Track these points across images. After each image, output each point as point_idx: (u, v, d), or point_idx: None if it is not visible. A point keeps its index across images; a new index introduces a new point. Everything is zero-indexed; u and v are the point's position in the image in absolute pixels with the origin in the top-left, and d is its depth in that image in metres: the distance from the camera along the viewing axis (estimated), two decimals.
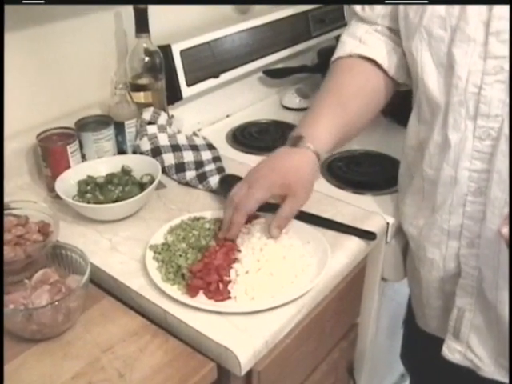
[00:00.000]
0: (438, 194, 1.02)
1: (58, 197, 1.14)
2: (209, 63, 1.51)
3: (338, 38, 1.93)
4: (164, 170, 1.27)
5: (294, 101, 1.70)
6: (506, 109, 0.89)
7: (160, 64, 1.34)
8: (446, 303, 1.12)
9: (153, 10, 1.29)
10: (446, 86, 0.96)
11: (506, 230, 0.79)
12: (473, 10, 0.89)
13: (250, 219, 1.06)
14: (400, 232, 1.20)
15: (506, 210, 0.92)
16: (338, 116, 1.08)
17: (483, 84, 0.90)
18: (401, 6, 1.02)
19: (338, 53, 1.17)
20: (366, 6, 1.12)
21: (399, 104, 1.16)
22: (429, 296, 1.14)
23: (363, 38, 1.14)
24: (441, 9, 0.93)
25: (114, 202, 1.13)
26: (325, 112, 1.09)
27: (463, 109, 0.93)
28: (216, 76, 1.53)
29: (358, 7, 1.14)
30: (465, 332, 1.08)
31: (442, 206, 1.01)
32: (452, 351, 1.11)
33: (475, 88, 0.91)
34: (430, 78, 0.98)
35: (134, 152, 1.32)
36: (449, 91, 0.95)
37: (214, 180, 1.24)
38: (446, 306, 1.12)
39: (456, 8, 0.91)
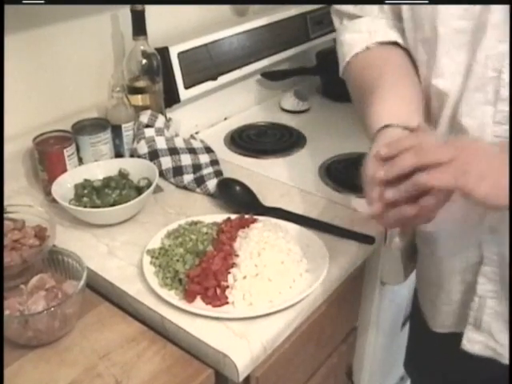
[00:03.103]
0: None
1: (54, 201, 1.13)
2: (206, 65, 1.50)
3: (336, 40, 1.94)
4: (161, 174, 1.26)
5: (293, 103, 1.69)
6: None
7: (157, 66, 1.33)
8: (466, 295, 1.09)
9: (150, 13, 1.28)
10: (459, 73, 0.92)
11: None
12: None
13: (248, 223, 1.06)
14: (398, 235, 1.20)
15: None
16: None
17: (503, 68, 0.87)
18: None
19: (353, 51, 1.07)
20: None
21: None
22: (450, 290, 1.11)
23: (371, 28, 1.06)
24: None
25: (111, 205, 1.12)
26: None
27: (480, 94, 0.90)
28: (214, 78, 1.53)
29: (349, 6, 1.10)
30: (487, 321, 1.05)
31: None
32: (472, 343, 1.09)
33: (494, 72, 0.88)
34: (445, 67, 0.94)
35: (132, 155, 1.32)
36: (463, 78, 0.92)
37: (211, 183, 1.23)
38: (466, 297, 1.09)
39: None
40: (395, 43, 1.04)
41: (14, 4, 1.09)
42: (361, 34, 1.08)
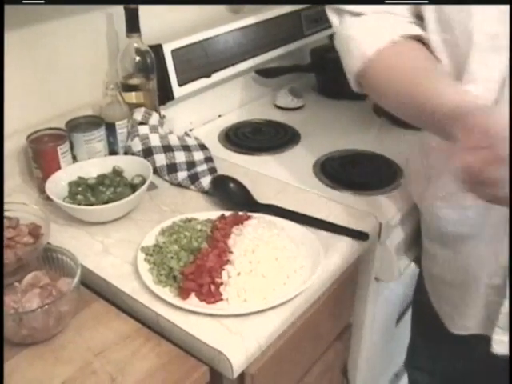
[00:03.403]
0: None
1: (49, 198, 1.13)
2: (200, 63, 1.50)
3: (331, 37, 1.94)
4: (156, 171, 1.26)
5: (287, 100, 1.69)
6: None
7: (151, 64, 1.33)
8: (493, 298, 1.08)
9: (144, 10, 1.28)
10: (493, 79, 0.90)
11: None
12: None
13: (242, 220, 1.06)
14: (393, 232, 1.20)
15: None
16: None
17: None
18: None
19: (374, 46, 0.98)
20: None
21: None
22: (476, 294, 1.09)
23: (387, 24, 0.99)
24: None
25: (106, 203, 1.12)
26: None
27: None
28: (208, 76, 1.52)
29: (352, 5, 1.02)
30: None
31: None
32: (502, 345, 1.08)
33: None
34: (477, 73, 0.91)
35: (126, 153, 1.31)
36: (497, 84, 0.89)
37: (206, 181, 1.23)
38: (493, 300, 1.08)
39: None
40: (417, 39, 0.98)
41: (13, 4, 1.09)
42: (377, 30, 1.00)
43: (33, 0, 1.11)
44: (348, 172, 1.33)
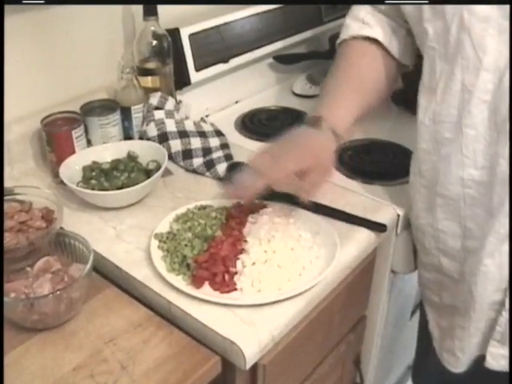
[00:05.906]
0: (494, 196, 0.92)
1: (62, 183, 1.12)
2: (218, 48, 1.48)
3: None
4: (171, 157, 1.25)
5: (305, 87, 1.67)
6: None
7: (168, 48, 1.31)
8: (490, 315, 1.03)
9: None
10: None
11: None
12: None
13: (258, 209, 1.04)
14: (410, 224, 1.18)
15: None
16: (357, 100, 1.09)
17: None
18: None
19: (343, 35, 1.18)
20: None
21: (411, 92, 1.13)
22: (480, 317, 1.03)
23: (366, 20, 1.13)
24: None
25: (119, 188, 1.11)
26: (344, 96, 1.10)
27: None
28: (225, 61, 1.51)
29: None
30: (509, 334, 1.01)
31: (500, 209, 0.92)
32: (497, 358, 1.04)
33: None
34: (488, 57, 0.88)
35: (141, 138, 1.30)
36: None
37: (221, 167, 1.22)
38: (490, 317, 1.03)
39: None
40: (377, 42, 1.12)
41: (13, 4, 1.08)
42: (356, 22, 1.16)
43: (33, 0, 1.10)
44: (364, 161, 1.31)
